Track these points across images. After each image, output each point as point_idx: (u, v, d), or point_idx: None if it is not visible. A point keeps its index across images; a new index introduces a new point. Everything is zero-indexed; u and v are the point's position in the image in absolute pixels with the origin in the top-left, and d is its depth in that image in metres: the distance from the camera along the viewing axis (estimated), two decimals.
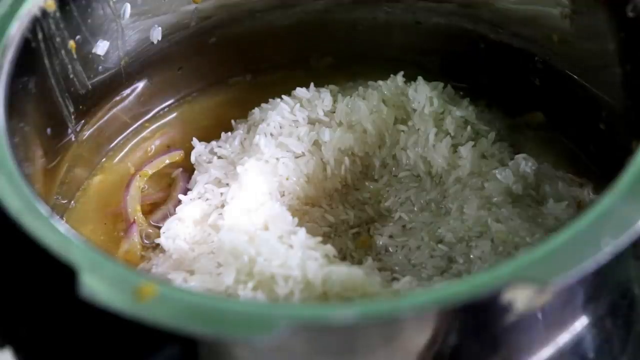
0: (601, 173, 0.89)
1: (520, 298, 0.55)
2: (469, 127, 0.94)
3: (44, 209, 0.63)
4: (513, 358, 0.62)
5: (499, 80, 1.01)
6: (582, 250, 0.57)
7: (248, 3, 1.03)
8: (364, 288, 0.76)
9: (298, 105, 0.96)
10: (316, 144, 0.93)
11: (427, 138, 0.93)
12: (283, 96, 0.98)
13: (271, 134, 0.94)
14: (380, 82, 0.98)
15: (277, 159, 0.91)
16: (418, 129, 0.94)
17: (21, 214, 0.62)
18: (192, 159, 0.98)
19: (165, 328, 0.53)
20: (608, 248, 0.57)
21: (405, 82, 0.97)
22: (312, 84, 0.99)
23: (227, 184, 0.91)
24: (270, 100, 1.00)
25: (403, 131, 0.94)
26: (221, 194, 0.91)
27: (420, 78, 0.97)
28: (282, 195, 0.91)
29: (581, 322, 0.63)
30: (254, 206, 0.86)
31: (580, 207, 0.87)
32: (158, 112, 1.06)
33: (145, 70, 1.01)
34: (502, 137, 0.96)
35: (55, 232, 0.61)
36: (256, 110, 1.00)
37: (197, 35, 1.02)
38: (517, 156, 0.92)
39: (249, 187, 0.88)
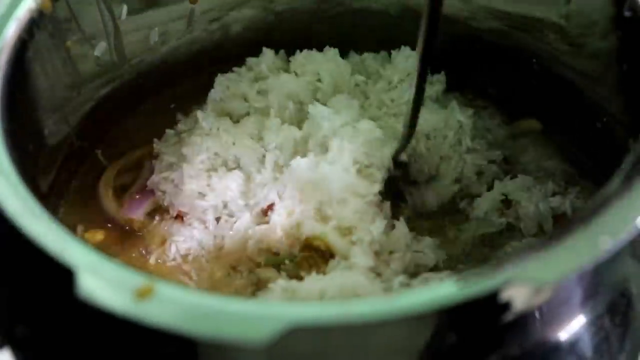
0: (600, 173, 0.90)
1: (519, 297, 0.55)
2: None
3: (41, 210, 0.63)
4: (511, 357, 0.62)
5: (498, 82, 1.01)
6: (580, 250, 0.57)
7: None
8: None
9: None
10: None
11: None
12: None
13: None
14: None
15: None
16: None
17: (19, 215, 0.62)
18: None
19: (165, 328, 0.53)
20: (606, 247, 0.57)
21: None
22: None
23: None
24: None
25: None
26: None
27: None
28: None
29: (579, 321, 0.63)
30: None
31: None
32: (157, 111, 1.06)
33: (142, 71, 1.01)
34: (499, 142, 0.97)
35: (53, 232, 0.61)
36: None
37: (194, 32, 1.02)
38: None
39: None
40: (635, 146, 0.65)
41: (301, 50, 1.02)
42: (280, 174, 0.90)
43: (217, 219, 0.90)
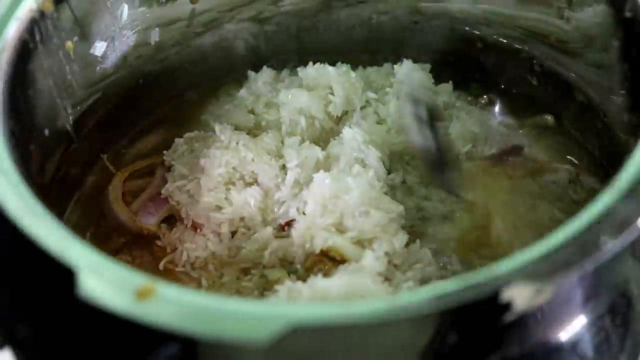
0: (601, 173, 0.90)
1: (520, 297, 0.55)
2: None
3: (42, 210, 0.63)
4: (512, 358, 0.62)
5: (499, 81, 1.01)
6: (581, 250, 0.57)
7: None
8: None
9: None
10: None
11: None
12: None
13: None
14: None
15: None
16: None
17: (19, 215, 0.62)
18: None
19: (165, 328, 0.53)
20: (607, 247, 0.57)
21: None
22: None
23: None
24: None
25: None
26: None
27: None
28: None
29: (580, 322, 0.63)
30: None
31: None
32: (157, 112, 1.06)
33: (142, 71, 1.01)
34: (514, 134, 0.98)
35: (54, 232, 0.61)
36: None
37: (195, 36, 1.02)
38: None
39: None
40: (636, 146, 0.65)
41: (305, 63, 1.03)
42: (299, 191, 0.90)
43: (233, 233, 0.90)
